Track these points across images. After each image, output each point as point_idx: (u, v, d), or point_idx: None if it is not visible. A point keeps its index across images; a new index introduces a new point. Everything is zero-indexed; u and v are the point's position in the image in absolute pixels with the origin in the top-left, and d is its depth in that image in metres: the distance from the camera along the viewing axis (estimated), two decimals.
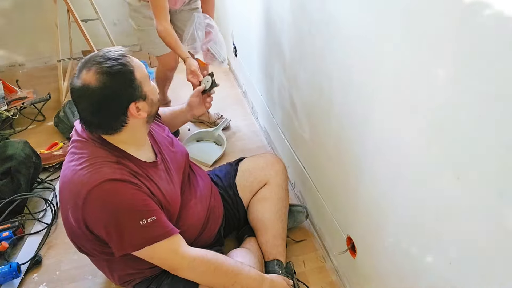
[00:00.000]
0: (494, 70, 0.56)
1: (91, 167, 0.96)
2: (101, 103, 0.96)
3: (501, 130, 0.58)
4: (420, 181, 0.80)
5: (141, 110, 1.02)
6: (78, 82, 0.95)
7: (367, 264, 1.17)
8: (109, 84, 0.94)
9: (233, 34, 2.50)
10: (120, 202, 0.95)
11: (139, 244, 0.99)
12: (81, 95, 0.95)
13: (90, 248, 1.08)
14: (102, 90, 0.94)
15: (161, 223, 1.00)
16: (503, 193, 0.60)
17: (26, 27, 2.92)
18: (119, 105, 0.98)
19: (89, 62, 0.96)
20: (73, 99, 0.98)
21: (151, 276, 1.16)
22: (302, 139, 1.54)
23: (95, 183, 0.94)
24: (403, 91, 0.80)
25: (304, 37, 1.29)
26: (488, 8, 0.55)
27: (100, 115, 0.98)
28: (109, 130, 1.01)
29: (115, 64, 0.95)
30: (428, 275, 0.85)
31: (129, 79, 0.97)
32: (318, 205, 1.49)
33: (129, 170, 1.01)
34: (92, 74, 0.94)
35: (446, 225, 0.75)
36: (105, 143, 1.03)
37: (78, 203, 0.96)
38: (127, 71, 0.97)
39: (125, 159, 1.03)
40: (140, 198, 0.98)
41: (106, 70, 0.94)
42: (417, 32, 0.71)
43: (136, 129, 1.05)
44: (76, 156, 1.01)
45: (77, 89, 0.95)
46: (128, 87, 0.97)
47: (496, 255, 0.64)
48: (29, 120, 2.35)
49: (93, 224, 0.98)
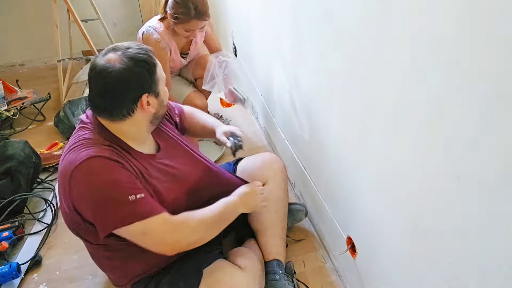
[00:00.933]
0: (494, 70, 0.56)
1: (80, 147, 0.97)
2: (118, 84, 0.97)
3: (501, 130, 0.57)
4: (420, 181, 0.80)
5: (150, 106, 1.03)
6: (101, 60, 0.97)
7: (367, 264, 1.16)
8: (131, 68, 0.97)
9: (233, 34, 2.50)
10: (107, 178, 0.94)
11: (129, 218, 0.95)
12: (101, 72, 0.96)
13: (88, 237, 1.07)
14: (123, 71, 0.96)
15: (149, 200, 0.98)
16: (503, 193, 0.60)
17: (26, 27, 2.92)
18: (134, 91, 0.99)
19: (116, 48, 1.00)
20: (90, 77, 0.99)
21: (151, 275, 1.16)
22: (302, 139, 1.54)
23: (81, 160, 0.94)
24: (403, 91, 0.80)
25: (304, 36, 1.29)
26: (488, 8, 0.55)
27: (112, 97, 0.99)
28: (113, 116, 1.01)
29: (142, 52, 1.00)
30: (428, 275, 0.85)
31: (151, 70, 1.00)
32: (318, 205, 1.49)
33: (118, 152, 1.00)
34: (117, 56, 0.97)
35: (446, 225, 0.75)
36: (103, 130, 1.03)
37: (65, 184, 0.96)
38: (151, 62, 1.01)
39: (117, 145, 1.02)
40: (128, 175, 0.98)
41: (133, 55, 0.98)
42: (416, 31, 0.71)
43: (138, 124, 1.05)
44: (72, 141, 1.02)
45: (99, 66, 0.97)
46: (147, 77, 1.00)
47: (496, 255, 0.64)
48: (29, 120, 2.35)
49: (79, 202, 0.96)
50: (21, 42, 2.98)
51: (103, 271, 1.23)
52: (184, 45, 1.98)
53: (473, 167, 0.64)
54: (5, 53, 3.00)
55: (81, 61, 2.89)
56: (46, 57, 3.08)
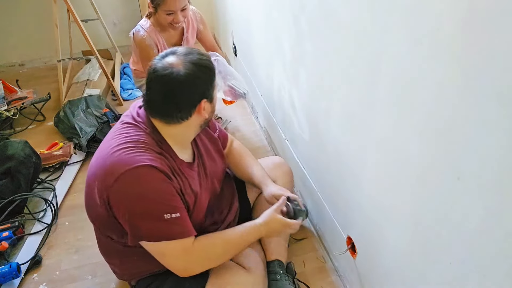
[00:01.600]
0: (494, 70, 0.56)
1: (134, 150, 0.97)
2: (182, 88, 0.97)
3: (501, 130, 0.57)
4: (420, 181, 0.80)
5: (205, 111, 1.04)
6: (161, 63, 0.97)
7: (367, 264, 1.16)
8: (195, 73, 0.98)
9: (233, 34, 2.50)
10: (151, 190, 0.95)
11: (157, 236, 0.97)
12: (164, 75, 0.96)
13: (107, 232, 1.07)
14: (187, 76, 0.96)
15: (183, 221, 1.00)
16: (503, 193, 0.60)
17: (26, 27, 2.92)
18: (195, 96, 1.00)
19: (175, 52, 1.00)
20: (150, 79, 0.99)
21: (158, 272, 1.16)
22: (302, 139, 1.54)
23: (133, 165, 0.94)
24: (403, 91, 0.80)
25: (304, 36, 1.29)
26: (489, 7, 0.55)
27: (174, 101, 0.99)
28: (170, 119, 1.01)
29: (204, 58, 1.01)
30: (428, 275, 0.85)
31: (212, 76, 1.02)
32: (318, 205, 1.49)
33: (168, 163, 1.02)
34: (180, 60, 0.97)
35: (446, 225, 0.75)
36: (155, 133, 1.04)
37: (108, 181, 0.95)
38: (212, 68, 1.03)
39: (167, 153, 1.04)
40: (171, 192, 0.99)
41: (196, 60, 0.99)
42: (417, 31, 0.71)
43: (190, 128, 1.07)
44: (122, 136, 1.01)
45: (161, 68, 0.97)
46: (208, 83, 1.02)
47: (496, 255, 0.64)
48: (29, 120, 2.35)
49: (117, 205, 0.97)
50: (21, 42, 2.97)
51: (110, 264, 1.23)
52: (175, 42, 1.97)
53: (473, 167, 0.64)
54: (5, 53, 3.00)
55: (81, 61, 2.88)
56: (46, 57, 3.08)
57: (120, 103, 2.55)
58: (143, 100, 1.04)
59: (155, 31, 1.85)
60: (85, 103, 2.27)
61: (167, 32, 1.90)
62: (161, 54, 1.01)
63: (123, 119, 1.09)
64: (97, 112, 2.23)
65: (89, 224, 1.15)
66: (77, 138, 2.08)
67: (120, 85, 2.69)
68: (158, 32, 1.86)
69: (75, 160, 2.01)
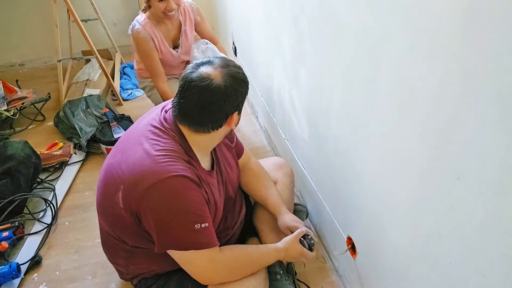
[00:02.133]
0: (494, 70, 0.56)
1: (166, 158, 0.96)
2: (218, 100, 0.97)
3: (501, 130, 0.57)
4: (420, 181, 0.80)
5: (233, 122, 1.04)
6: (197, 73, 0.96)
7: (367, 264, 1.16)
8: (233, 87, 0.98)
9: (233, 34, 2.50)
10: (184, 200, 0.96)
11: (187, 246, 0.98)
12: (202, 86, 0.95)
13: (123, 234, 1.06)
14: (225, 89, 0.96)
15: (210, 231, 1.01)
16: (503, 193, 0.60)
17: (26, 27, 2.92)
18: (229, 109, 1.00)
19: (212, 63, 0.99)
20: (184, 87, 0.97)
21: (162, 272, 1.16)
22: (302, 139, 1.54)
23: (168, 175, 0.94)
24: (403, 91, 0.80)
25: (304, 36, 1.29)
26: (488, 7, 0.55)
27: (206, 111, 0.98)
28: (200, 128, 1.01)
29: (241, 72, 1.02)
30: (428, 275, 0.85)
31: (246, 90, 1.03)
32: (318, 205, 1.49)
33: (196, 172, 1.02)
34: (218, 72, 0.97)
35: (446, 225, 0.75)
36: (183, 141, 1.03)
37: (139, 189, 0.94)
38: (247, 83, 1.04)
39: (194, 161, 1.04)
40: (201, 202, 0.99)
41: (234, 73, 0.99)
42: (417, 31, 0.71)
43: (216, 137, 1.07)
44: (153, 142, 1.00)
45: (198, 79, 0.96)
46: (243, 97, 1.02)
47: (496, 255, 0.64)
48: (29, 120, 2.35)
49: (147, 214, 0.95)
50: (21, 42, 2.98)
51: (113, 264, 1.23)
52: (174, 37, 1.96)
53: (473, 167, 0.64)
54: (5, 53, 3.00)
55: (81, 61, 2.88)
56: (46, 57, 3.08)
57: (120, 103, 2.55)
58: (174, 106, 1.02)
59: (150, 24, 1.84)
60: (85, 103, 2.27)
61: (164, 25, 1.88)
62: (195, 63, 1.01)
63: (150, 121, 1.06)
64: (97, 112, 2.23)
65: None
66: (77, 138, 2.08)
67: (120, 85, 2.69)
68: (154, 26, 1.85)
69: (75, 160, 2.01)
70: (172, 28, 1.94)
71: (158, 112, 1.09)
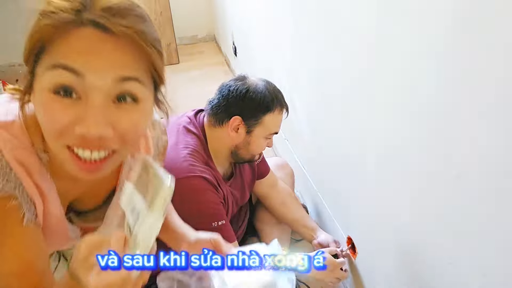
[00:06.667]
0: (494, 70, 0.56)
1: (189, 157, 1.01)
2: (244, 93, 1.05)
3: (501, 130, 0.57)
4: (421, 180, 0.80)
5: (236, 133, 1.07)
6: (242, 83, 1.07)
7: (367, 264, 1.16)
8: (255, 90, 1.06)
9: (233, 34, 2.50)
10: (201, 200, 1.00)
11: None
12: (236, 79, 1.09)
13: None
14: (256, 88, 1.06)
15: (227, 228, 1.04)
16: (503, 193, 0.60)
17: (26, 27, 2.91)
18: (242, 109, 1.05)
19: (245, 77, 1.11)
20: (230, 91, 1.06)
21: None
22: (302, 139, 1.54)
23: (188, 174, 0.98)
24: (403, 91, 0.80)
25: (304, 36, 1.29)
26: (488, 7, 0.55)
27: (226, 98, 1.06)
28: (215, 117, 1.07)
29: (276, 87, 1.16)
30: (428, 275, 0.85)
31: (268, 106, 1.08)
32: (318, 205, 1.49)
33: (214, 174, 1.07)
34: (256, 79, 1.10)
35: (446, 224, 0.75)
36: (204, 142, 1.09)
37: None
38: (270, 105, 1.09)
39: (211, 164, 1.08)
40: (217, 201, 1.04)
41: (265, 85, 1.10)
42: (417, 31, 0.71)
43: (221, 140, 1.09)
44: (182, 139, 1.06)
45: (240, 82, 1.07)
46: (254, 108, 1.06)
47: (496, 255, 0.64)
48: None
49: None
50: (21, 42, 2.97)
51: None
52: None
53: (473, 167, 0.64)
54: (5, 53, 2.99)
55: None
56: None
57: None
58: (209, 104, 1.09)
59: None
60: None
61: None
62: (233, 79, 1.11)
63: (183, 123, 1.11)
64: None
65: None
66: None
67: None
68: None
69: None
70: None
71: (190, 114, 1.15)
